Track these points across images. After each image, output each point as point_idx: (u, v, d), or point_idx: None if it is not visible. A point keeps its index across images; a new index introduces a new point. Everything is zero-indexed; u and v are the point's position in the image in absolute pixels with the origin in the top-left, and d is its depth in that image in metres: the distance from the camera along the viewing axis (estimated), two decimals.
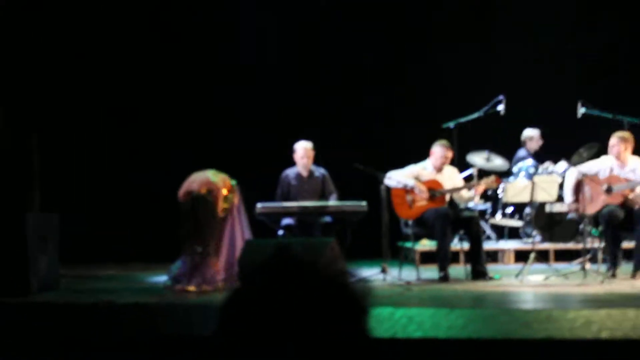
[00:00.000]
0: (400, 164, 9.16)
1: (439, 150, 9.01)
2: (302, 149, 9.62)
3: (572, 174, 8.97)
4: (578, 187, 8.90)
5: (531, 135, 10.95)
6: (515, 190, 9.46)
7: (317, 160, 9.72)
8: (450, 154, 9.07)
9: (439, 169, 9.06)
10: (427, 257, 9.77)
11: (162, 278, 8.67)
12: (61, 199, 10.40)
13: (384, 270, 8.54)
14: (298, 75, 11.63)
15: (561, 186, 9.29)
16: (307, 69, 11.66)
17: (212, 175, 8.54)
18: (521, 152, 10.89)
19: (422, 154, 9.18)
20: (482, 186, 9.00)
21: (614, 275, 8.44)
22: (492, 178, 8.97)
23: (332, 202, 9.38)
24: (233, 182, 8.60)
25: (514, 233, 10.88)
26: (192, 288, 8.19)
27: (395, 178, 8.96)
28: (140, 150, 11.28)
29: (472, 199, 9.17)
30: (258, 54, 11.61)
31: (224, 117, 11.37)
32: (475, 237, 8.83)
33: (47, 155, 9.16)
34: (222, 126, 11.33)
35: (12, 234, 8.17)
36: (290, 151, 9.65)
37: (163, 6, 11.66)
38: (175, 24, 11.60)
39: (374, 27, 11.64)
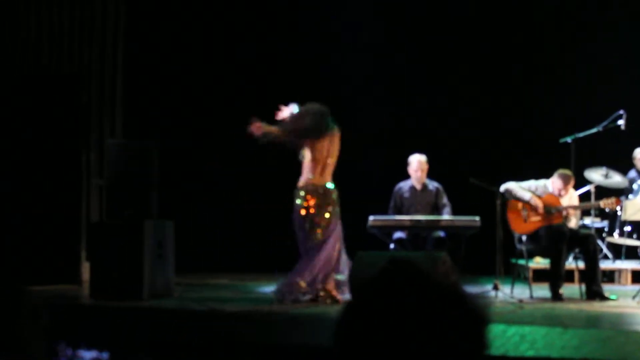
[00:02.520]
0: (516, 179, 9.01)
1: (557, 183, 8.83)
2: (416, 162, 9.58)
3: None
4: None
5: (636, 155, 10.52)
6: (634, 208, 9.18)
7: (430, 174, 9.66)
8: (569, 187, 8.87)
9: (559, 196, 8.89)
10: (540, 275, 9.57)
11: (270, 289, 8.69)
12: (178, 206, 10.63)
13: (496, 287, 8.41)
14: (411, 87, 11.59)
15: None
16: (419, 82, 11.60)
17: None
18: (631, 173, 10.55)
19: (538, 170, 9.01)
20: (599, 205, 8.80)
21: None
22: (613, 200, 8.74)
23: (445, 216, 9.30)
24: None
25: (631, 252, 10.56)
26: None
27: (513, 188, 8.82)
28: (256, 159, 11.38)
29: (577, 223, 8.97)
30: (367, 67, 11.61)
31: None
32: (592, 255, 8.60)
33: (165, 162, 9.35)
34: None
35: (130, 240, 8.40)
36: (404, 164, 9.62)
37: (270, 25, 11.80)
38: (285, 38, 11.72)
39: (478, 40, 11.51)
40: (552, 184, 8.89)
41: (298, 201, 8.27)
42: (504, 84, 11.52)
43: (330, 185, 8.36)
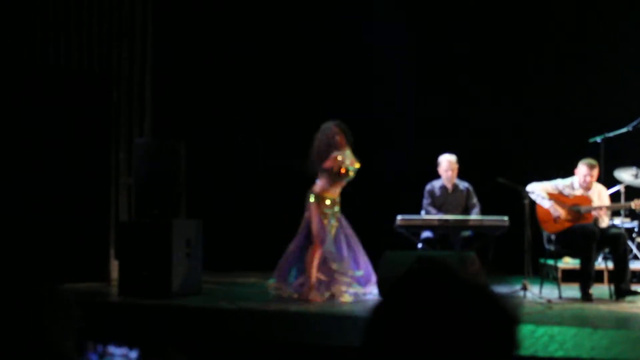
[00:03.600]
0: (546, 179, 8.96)
1: (582, 169, 8.77)
2: (446, 162, 9.55)
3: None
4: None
5: None
6: None
7: (460, 174, 9.63)
8: (595, 173, 8.79)
9: (587, 188, 8.81)
10: (569, 275, 9.51)
11: None
12: (207, 205, 10.68)
13: (524, 287, 8.37)
14: (439, 87, 11.57)
15: None
16: (448, 81, 11.58)
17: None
18: None
19: (568, 170, 8.96)
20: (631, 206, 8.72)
21: None
22: None
23: (473, 216, 9.26)
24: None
25: None
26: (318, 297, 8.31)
27: (537, 192, 8.77)
28: (286, 158, 11.41)
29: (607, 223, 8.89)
30: (397, 66, 11.60)
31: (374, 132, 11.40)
32: (622, 256, 8.54)
33: (194, 161, 9.39)
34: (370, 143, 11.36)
35: (158, 239, 8.45)
36: (433, 164, 9.61)
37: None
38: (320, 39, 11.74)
39: (518, 39, 11.46)
40: (577, 173, 8.82)
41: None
42: (533, 82, 11.46)
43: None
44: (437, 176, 9.64)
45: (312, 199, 8.60)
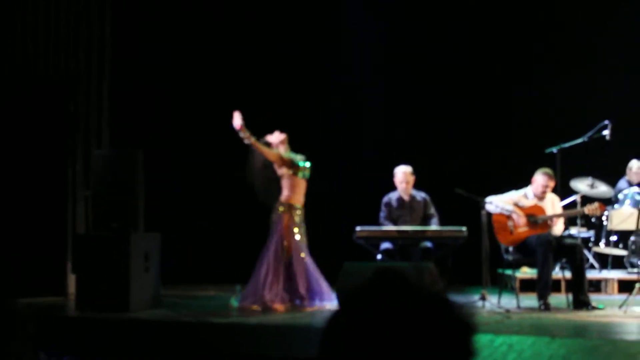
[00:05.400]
0: (502, 189, 9.04)
1: (540, 179, 8.85)
2: (402, 173, 9.59)
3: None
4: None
5: (631, 166, 10.64)
6: (620, 217, 9.20)
7: (417, 185, 9.67)
8: (552, 183, 8.87)
9: (540, 197, 8.89)
10: (527, 285, 9.58)
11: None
12: (164, 218, 10.60)
13: (483, 298, 8.43)
14: (398, 98, 11.63)
15: None
16: (406, 95, 11.63)
17: None
18: (622, 183, 10.61)
19: (524, 180, 9.04)
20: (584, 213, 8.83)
21: None
22: (596, 205, 8.76)
23: (432, 227, 9.30)
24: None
25: (618, 262, 10.59)
26: (255, 307, 8.33)
27: (495, 203, 8.85)
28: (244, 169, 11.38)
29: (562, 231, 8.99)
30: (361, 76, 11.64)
31: (327, 140, 11.41)
32: (578, 265, 8.62)
33: (151, 173, 9.31)
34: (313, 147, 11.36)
35: (116, 252, 8.37)
36: (391, 174, 9.64)
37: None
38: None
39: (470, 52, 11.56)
40: (534, 183, 8.89)
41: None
42: (489, 94, 11.56)
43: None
44: (394, 187, 9.68)
45: (281, 209, 8.64)
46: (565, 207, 9.39)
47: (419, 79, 11.59)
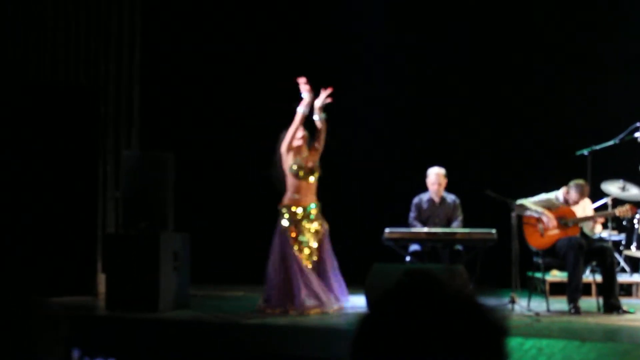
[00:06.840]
0: (533, 191, 8.99)
1: (574, 195, 8.83)
2: (434, 175, 9.55)
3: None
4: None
5: None
6: None
7: (448, 186, 9.64)
8: (585, 197, 8.86)
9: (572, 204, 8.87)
10: (557, 288, 9.53)
11: None
12: (194, 217, 10.64)
13: (512, 301, 8.37)
14: (430, 100, 11.60)
15: None
16: (439, 94, 11.61)
17: None
18: None
19: (555, 182, 8.98)
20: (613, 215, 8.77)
21: None
22: (627, 207, 8.70)
23: (462, 229, 9.25)
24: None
25: None
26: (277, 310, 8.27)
27: (525, 206, 8.80)
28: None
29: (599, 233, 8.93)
30: (384, 77, 11.62)
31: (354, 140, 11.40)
32: (609, 268, 8.55)
33: (181, 174, 9.36)
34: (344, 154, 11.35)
35: (146, 252, 8.41)
36: (422, 176, 9.62)
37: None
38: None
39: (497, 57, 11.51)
40: (566, 194, 8.86)
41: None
42: (521, 95, 11.50)
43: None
44: (426, 189, 9.65)
45: (285, 215, 8.66)
46: (596, 210, 9.33)
47: (452, 79, 11.56)
